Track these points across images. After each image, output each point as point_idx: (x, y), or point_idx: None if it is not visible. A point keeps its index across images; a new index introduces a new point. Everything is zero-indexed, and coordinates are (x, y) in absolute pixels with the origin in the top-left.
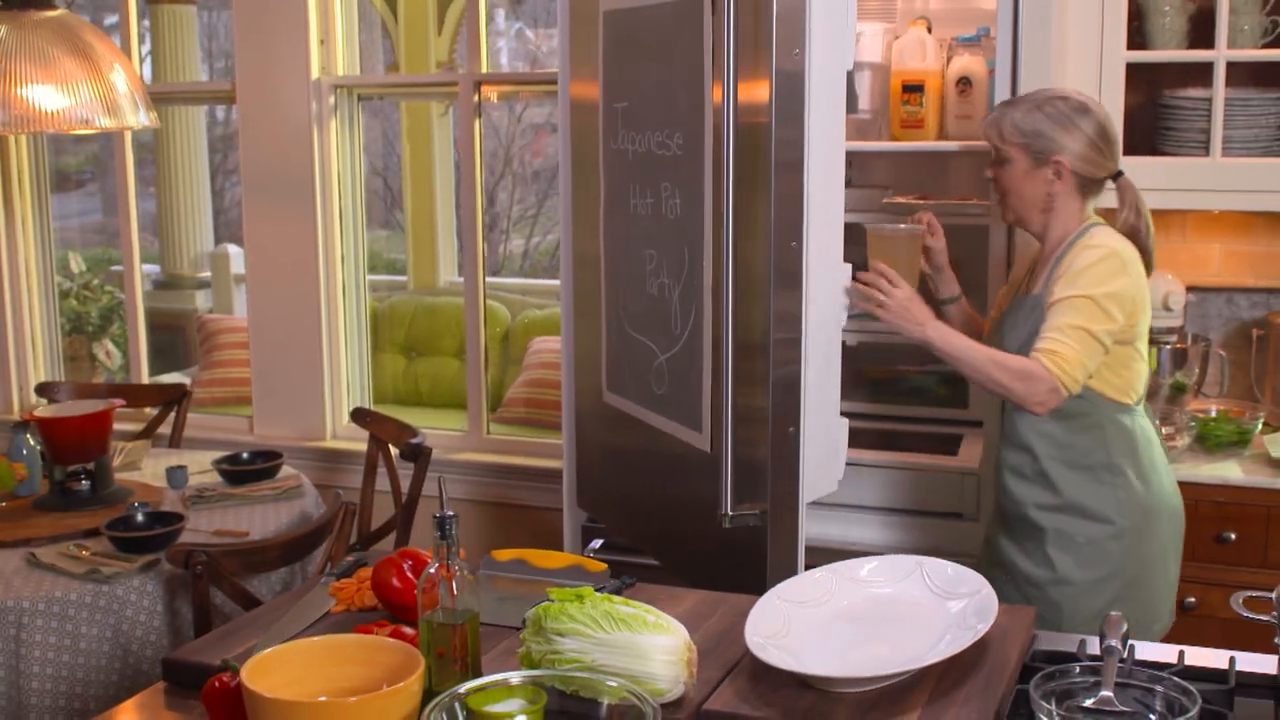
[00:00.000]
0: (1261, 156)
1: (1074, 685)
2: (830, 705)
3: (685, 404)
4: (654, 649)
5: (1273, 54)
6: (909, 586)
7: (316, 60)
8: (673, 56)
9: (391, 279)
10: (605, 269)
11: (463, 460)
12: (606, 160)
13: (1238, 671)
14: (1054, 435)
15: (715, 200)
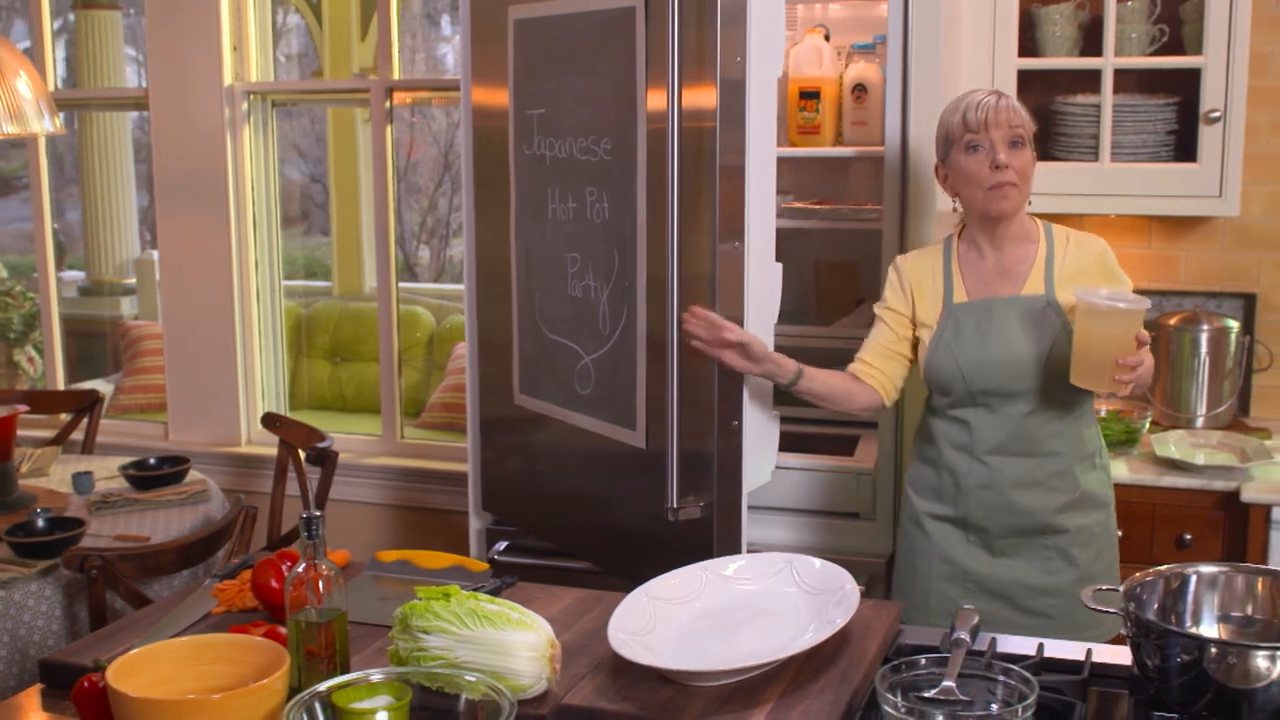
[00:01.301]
0: (1149, 162)
1: (920, 677)
2: (687, 699)
3: (616, 403)
4: (517, 645)
5: (1160, 61)
6: (777, 583)
7: (229, 66)
8: (598, 64)
9: (326, 284)
10: (517, 273)
11: (376, 465)
12: (519, 166)
13: (1093, 663)
14: (1073, 432)
15: (654, 203)
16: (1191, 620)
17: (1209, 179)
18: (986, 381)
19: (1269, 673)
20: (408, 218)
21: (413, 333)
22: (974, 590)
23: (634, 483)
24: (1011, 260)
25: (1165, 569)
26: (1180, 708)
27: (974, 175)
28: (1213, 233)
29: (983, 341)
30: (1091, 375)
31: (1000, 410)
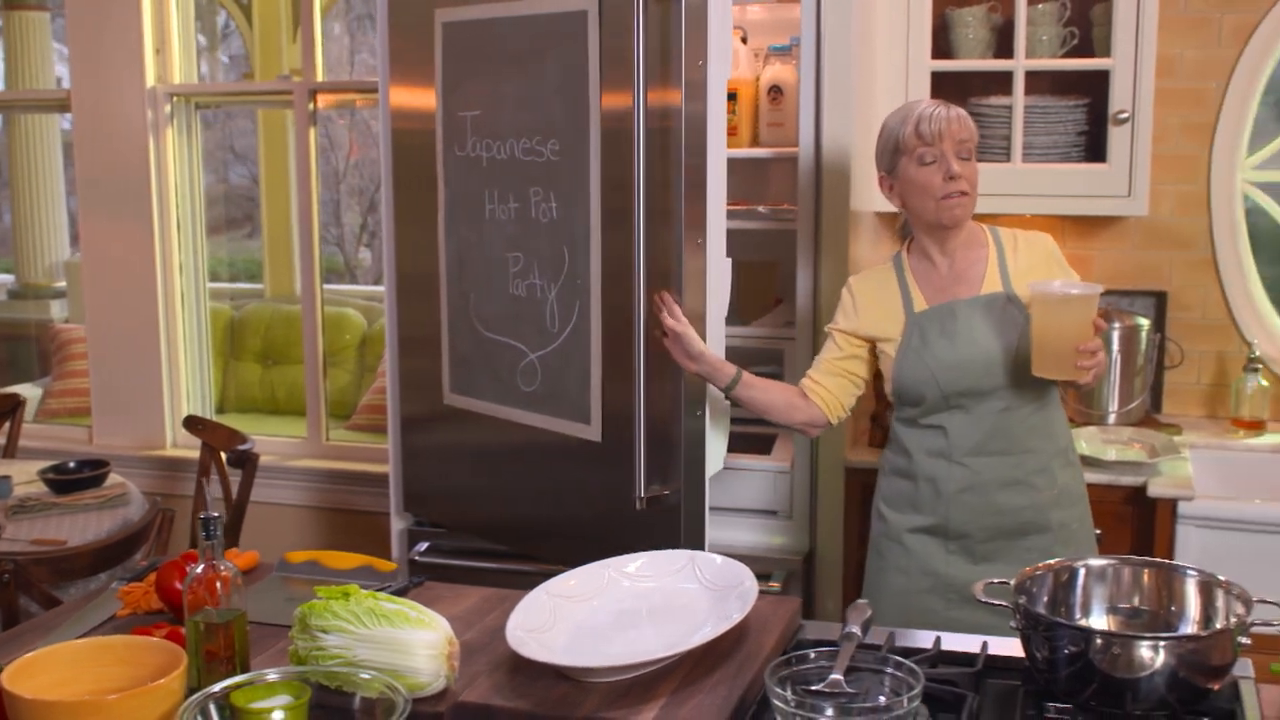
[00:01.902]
0: (1060, 162)
1: (809, 671)
2: (583, 695)
3: (567, 398)
4: (415, 643)
5: (1070, 63)
6: (678, 580)
7: (152, 68)
8: (543, 67)
9: (259, 287)
10: (448, 274)
11: (300, 467)
12: (450, 167)
13: (988, 655)
14: (1050, 427)
15: (609, 201)
16: (1081, 612)
17: (1118, 179)
18: (959, 383)
19: (1152, 662)
20: (348, 219)
21: (342, 335)
22: (955, 600)
23: (588, 476)
24: (964, 265)
25: (1054, 562)
26: (1069, 698)
27: (926, 186)
28: (1124, 232)
29: (951, 344)
30: (1053, 365)
31: (975, 410)
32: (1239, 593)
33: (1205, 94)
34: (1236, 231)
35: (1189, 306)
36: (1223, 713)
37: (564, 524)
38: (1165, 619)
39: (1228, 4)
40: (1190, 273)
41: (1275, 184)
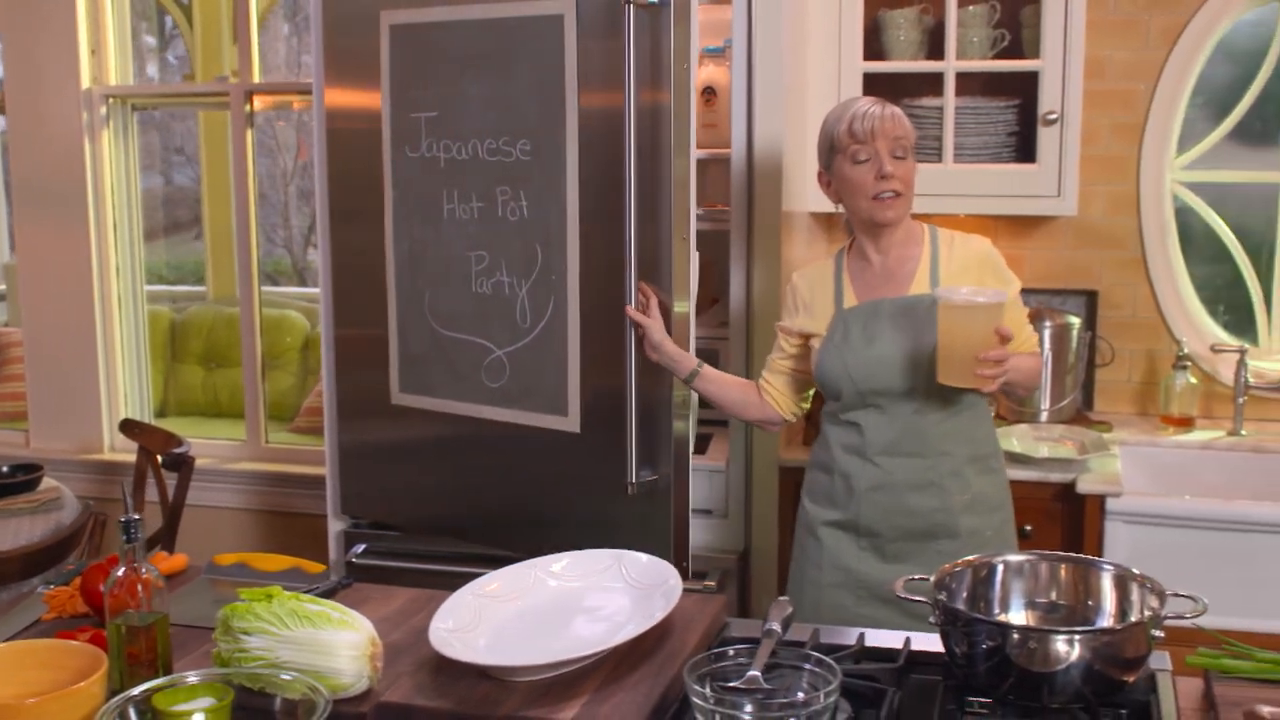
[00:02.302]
0: (991, 162)
1: (729, 668)
2: (505, 694)
3: (542, 392)
4: (338, 644)
5: (1000, 65)
6: (604, 579)
7: (87, 70)
8: (513, 69)
9: (202, 289)
10: (397, 275)
11: (239, 470)
12: (400, 168)
13: (911, 651)
14: (967, 431)
15: (588, 199)
16: (1000, 608)
17: (1047, 179)
18: (874, 381)
19: (1067, 656)
20: (297, 221)
21: (283, 337)
22: (866, 597)
23: (565, 468)
24: (896, 264)
25: (974, 559)
26: (988, 692)
27: (859, 185)
28: (1056, 232)
29: (869, 342)
30: (955, 372)
31: (889, 410)
32: (1153, 586)
33: (1134, 95)
34: (1166, 231)
35: (1119, 305)
36: (1139, 705)
37: (540, 516)
38: (1082, 613)
39: (1155, 6)
40: (1121, 272)
41: (1204, 184)
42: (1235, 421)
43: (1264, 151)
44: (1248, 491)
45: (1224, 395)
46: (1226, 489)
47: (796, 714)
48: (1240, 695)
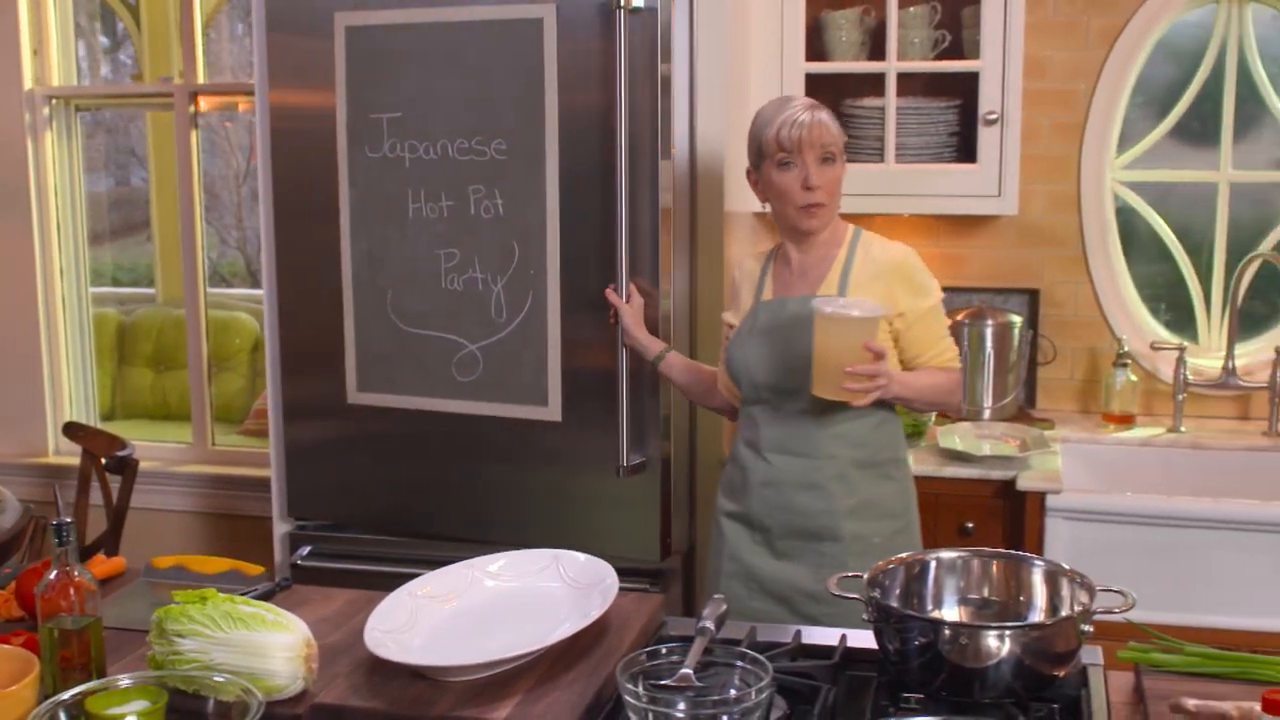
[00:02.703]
0: (932, 162)
1: (662, 666)
2: (439, 694)
3: (519, 384)
4: (272, 646)
5: (940, 65)
6: (541, 579)
7: (29, 70)
8: (489, 70)
9: (151, 291)
10: (355, 275)
11: (186, 472)
12: (359, 169)
13: (847, 648)
14: (855, 436)
15: (568, 196)
16: (933, 604)
17: (988, 179)
18: (768, 376)
19: (998, 651)
20: (251, 222)
21: (232, 339)
22: (756, 590)
23: (547, 456)
24: (812, 263)
25: (906, 556)
26: (920, 687)
27: (785, 192)
28: (998, 231)
29: (768, 338)
30: (825, 383)
31: (781, 408)
32: (1083, 582)
33: (1074, 95)
34: (1107, 230)
35: (1061, 304)
36: (1069, 699)
37: (522, 504)
38: (1014, 609)
39: (1094, 7)
40: (1062, 270)
41: (1144, 183)
42: (1175, 418)
43: (1203, 151)
44: (1187, 488)
45: (1164, 392)
46: (1166, 485)
47: (729, 711)
48: (1169, 688)
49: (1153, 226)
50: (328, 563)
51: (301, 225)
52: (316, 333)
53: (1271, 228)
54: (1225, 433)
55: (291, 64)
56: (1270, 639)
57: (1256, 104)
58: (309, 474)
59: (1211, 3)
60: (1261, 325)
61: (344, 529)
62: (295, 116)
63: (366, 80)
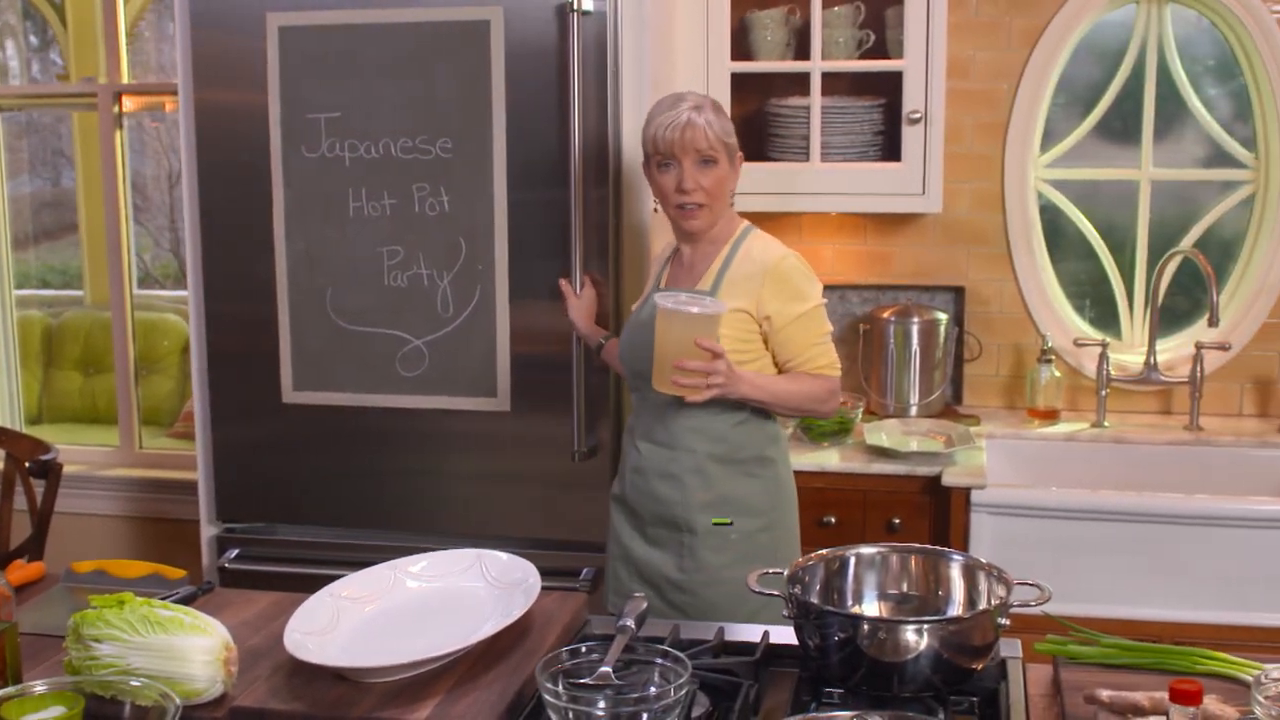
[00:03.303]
0: (857, 161)
1: (581, 665)
2: (360, 695)
3: (467, 376)
4: (191, 650)
5: (864, 65)
6: (464, 579)
7: None
8: (434, 71)
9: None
10: (290, 274)
11: (113, 476)
12: (295, 169)
13: (769, 644)
14: (713, 431)
15: (517, 192)
16: (853, 600)
17: (912, 177)
18: (633, 364)
19: (916, 645)
20: (183, 223)
21: (160, 341)
22: (634, 575)
23: (498, 446)
24: (697, 259)
25: (826, 552)
26: (841, 682)
27: (663, 192)
28: (923, 229)
29: (641, 328)
30: (660, 377)
31: (646, 398)
32: (1001, 575)
33: (997, 94)
34: (1030, 228)
35: (986, 301)
36: (988, 692)
37: (471, 493)
38: (933, 603)
39: (1016, 8)
40: (987, 268)
41: (1067, 181)
42: (1098, 414)
43: (1125, 149)
44: (1110, 482)
45: (1088, 388)
46: (1090, 479)
47: (649, 708)
48: (1085, 680)
49: (1076, 224)
50: (256, 565)
51: (231, 226)
52: (248, 333)
53: (1192, 225)
54: (1147, 427)
55: (221, 63)
56: (1190, 630)
57: (1176, 103)
58: (240, 476)
59: (1131, 3)
60: (1183, 321)
61: (276, 531)
62: (224, 116)
63: (302, 81)
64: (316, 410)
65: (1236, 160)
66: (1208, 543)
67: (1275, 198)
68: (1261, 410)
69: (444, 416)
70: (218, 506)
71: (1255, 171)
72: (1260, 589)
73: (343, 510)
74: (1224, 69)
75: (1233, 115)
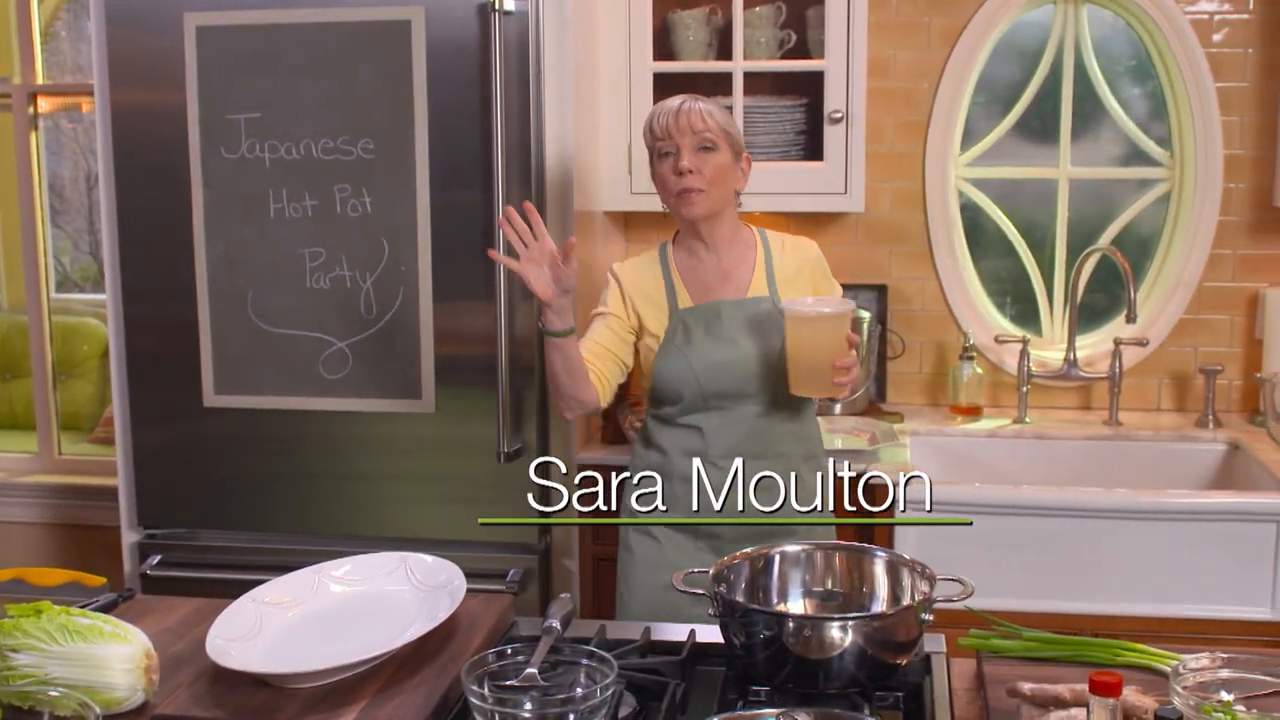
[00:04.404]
0: (779, 161)
1: (508, 666)
2: (283, 702)
3: (392, 378)
4: (110, 658)
5: (786, 65)
6: (389, 582)
7: None
8: (356, 71)
9: None
10: (210, 276)
11: (31, 483)
12: (214, 170)
13: (695, 643)
14: (801, 431)
15: (439, 192)
16: (779, 598)
17: (834, 177)
18: (719, 384)
19: (841, 642)
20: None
21: (80, 345)
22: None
23: (422, 447)
24: (731, 264)
25: (750, 550)
26: (767, 680)
27: (662, 182)
28: (846, 228)
29: (714, 344)
30: (809, 382)
31: (733, 412)
32: (924, 571)
33: (918, 94)
34: (951, 226)
35: (909, 299)
36: (913, 687)
37: (396, 495)
38: (858, 600)
39: (935, 8)
40: (909, 266)
41: (987, 180)
42: (1020, 410)
43: (1043, 148)
44: (1032, 477)
45: (1009, 384)
46: (1012, 475)
47: (575, 709)
48: (1007, 673)
49: (996, 222)
50: (178, 571)
51: (150, 228)
52: (168, 336)
53: (1110, 223)
54: (1068, 423)
55: (138, 64)
56: (1111, 622)
57: (1094, 102)
58: (161, 481)
59: (1049, 3)
60: (1101, 317)
61: (198, 536)
62: (142, 117)
63: (221, 81)
64: (238, 414)
65: (1152, 159)
66: (1127, 536)
67: (1190, 196)
68: (1179, 405)
69: (368, 419)
70: (139, 512)
71: (1170, 170)
72: (1178, 581)
73: (265, 515)
74: (1140, 69)
75: (1148, 115)
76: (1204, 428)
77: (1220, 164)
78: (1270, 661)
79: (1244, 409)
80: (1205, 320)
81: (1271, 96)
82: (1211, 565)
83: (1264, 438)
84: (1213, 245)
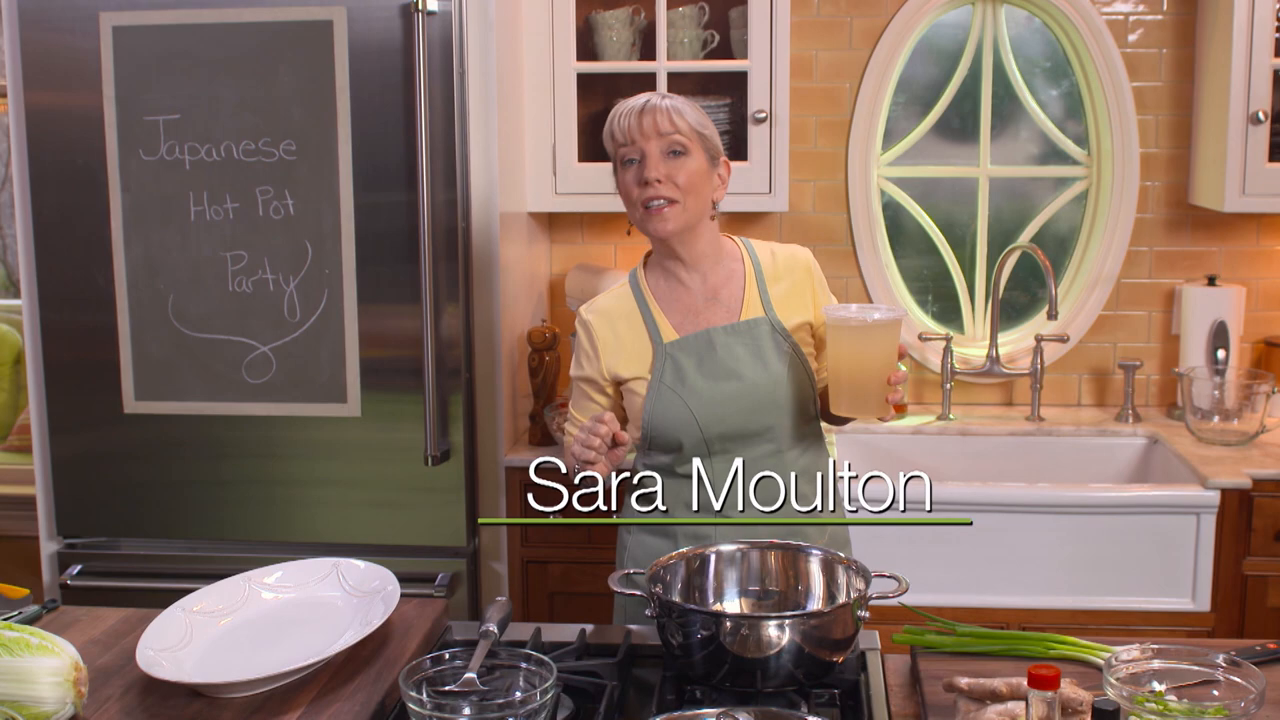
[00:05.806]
0: None
1: (446, 672)
2: (217, 711)
3: (317, 382)
4: (38, 671)
5: (710, 65)
6: (322, 589)
7: None
8: (276, 72)
9: None
10: (129, 280)
11: None
12: (132, 172)
13: (632, 644)
14: (816, 464)
15: (364, 193)
16: (715, 597)
17: (759, 177)
18: (722, 424)
19: (778, 640)
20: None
21: None
22: None
23: (348, 451)
24: (717, 283)
25: (686, 550)
26: (705, 680)
27: (628, 193)
28: (771, 227)
29: (710, 380)
30: (861, 401)
31: (742, 454)
32: (858, 569)
33: (839, 94)
34: (874, 225)
35: (834, 296)
36: (849, 684)
37: (323, 499)
38: (794, 599)
39: (856, 8)
40: (833, 265)
41: (909, 179)
42: (944, 406)
43: (964, 147)
44: (957, 472)
45: (933, 381)
46: (937, 471)
47: (514, 713)
48: (942, 669)
49: (918, 221)
50: (101, 581)
51: (67, 232)
52: (87, 342)
53: (1029, 220)
54: (991, 419)
55: (52, 64)
56: (1039, 615)
57: (1012, 102)
58: (80, 489)
59: (968, 4)
60: (1022, 314)
61: (120, 545)
62: (58, 119)
63: (139, 82)
64: (160, 420)
65: (1070, 157)
66: (1050, 530)
67: (1108, 193)
68: (1099, 400)
69: (293, 423)
70: (58, 521)
71: (1088, 168)
72: (1102, 573)
73: (190, 522)
74: (1057, 69)
75: (1065, 114)
76: (1124, 422)
77: (1137, 162)
78: (1198, 651)
79: (1162, 403)
80: (1124, 316)
81: (1186, 95)
82: (1133, 558)
83: (1182, 431)
84: (1130, 242)
